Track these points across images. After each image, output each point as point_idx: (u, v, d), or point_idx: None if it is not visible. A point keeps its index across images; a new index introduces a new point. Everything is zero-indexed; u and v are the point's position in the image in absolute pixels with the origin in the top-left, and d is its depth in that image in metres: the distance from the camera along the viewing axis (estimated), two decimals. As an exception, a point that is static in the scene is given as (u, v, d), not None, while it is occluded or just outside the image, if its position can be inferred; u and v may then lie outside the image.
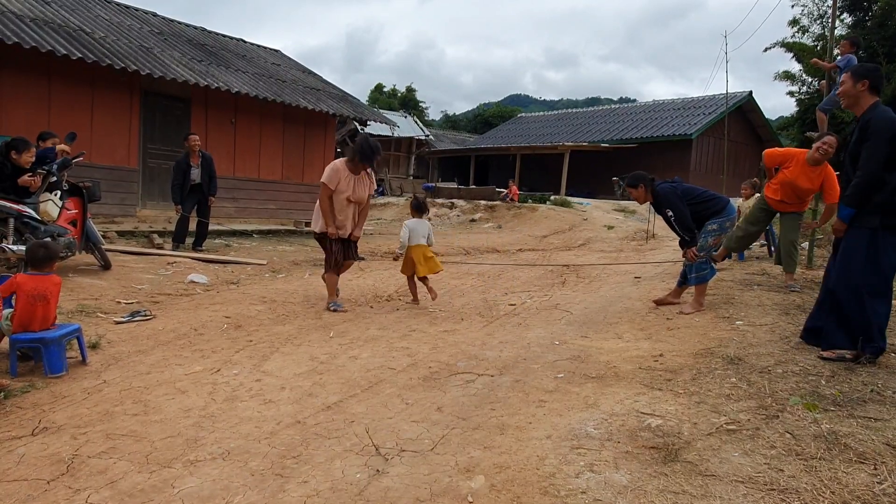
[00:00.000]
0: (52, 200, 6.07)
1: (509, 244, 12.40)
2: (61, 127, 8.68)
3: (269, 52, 17.42)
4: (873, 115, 3.63)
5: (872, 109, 3.67)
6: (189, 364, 3.95)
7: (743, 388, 3.29)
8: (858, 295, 3.63)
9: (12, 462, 2.56)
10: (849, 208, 3.69)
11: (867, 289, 3.62)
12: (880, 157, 3.54)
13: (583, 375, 3.68)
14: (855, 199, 3.65)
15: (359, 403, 3.27)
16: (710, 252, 5.39)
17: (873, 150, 3.56)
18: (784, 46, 23.49)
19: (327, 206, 5.64)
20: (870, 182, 3.57)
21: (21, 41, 9.11)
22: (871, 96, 3.70)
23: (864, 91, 3.69)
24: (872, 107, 3.68)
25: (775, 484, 2.24)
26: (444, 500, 2.24)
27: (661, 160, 23.39)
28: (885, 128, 3.55)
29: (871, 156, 3.56)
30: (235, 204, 12.87)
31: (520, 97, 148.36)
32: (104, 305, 5.41)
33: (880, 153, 3.54)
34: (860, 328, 3.63)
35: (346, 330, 4.98)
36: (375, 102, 43.45)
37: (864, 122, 3.67)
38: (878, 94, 3.73)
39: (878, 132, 3.56)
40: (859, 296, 3.63)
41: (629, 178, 5.52)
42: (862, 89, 3.69)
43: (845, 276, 3.72)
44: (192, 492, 2.32)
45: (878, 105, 3.68)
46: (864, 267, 3.63)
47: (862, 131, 3.67)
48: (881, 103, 3.71)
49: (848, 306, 3.68)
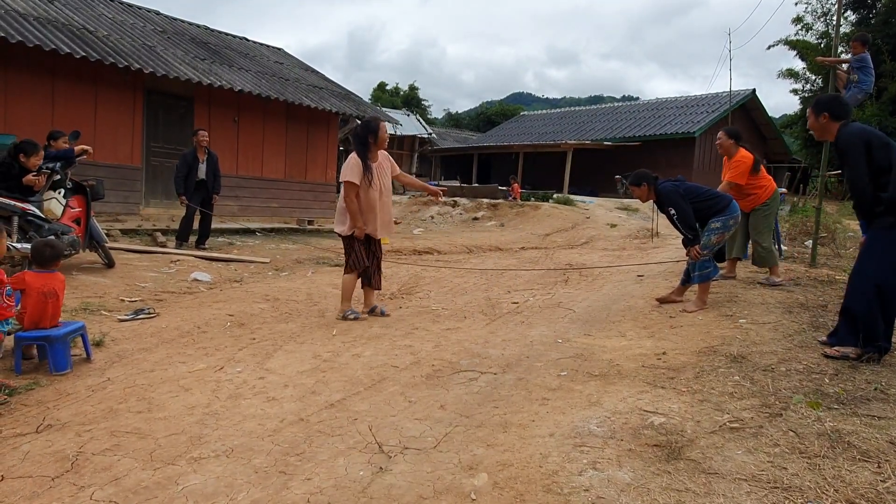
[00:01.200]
0: (56, 198, 6.09)
1: (512, 242, 12.40)
2: (65, 125, 8.69)
3: (272, 51, 17.44)
4: (840, 137, 3.82)
5: (839, 133, 3.85)
6: (193, 362, 3.96)
7: (746, 386, 3.29)
8: (866, 293, 3.64)
9: (17, 459, 2.57)
10: (862, 220, 3.97)
11: (879, 287, 3.62)
12: (862, 171, 3.68)
13: (586, 373, 3.68)
14: (861, 212, 3.86)
15: (362, 401, 3.27)
16: (714, 250, 5.38)
17: (852, 166, 3.72)
18: (787, 44, 23.47)
19: (355, 207, 5.19)
20: (862, 197, 3.72)
21: (25, 40, 9.14)
22: (834, 123, 3.89)
23: (827, 122, 3.91)
24: (839, 130, 3.85)
25: (779, 482, 2.24)
26: (448, 497, 2.24)
27: (665, 158, 23.36)
28: (855, 142, 3.72)
29: (853, 172, 3.72)
30: (238, 202, 12.90)
31: (522, 95, 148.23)
32: (108, 303, 5.43)
33: (861, 167, 3.68)
34: (865, 327, 3.63)
35: (349, 328, 4.99)
36: (378, 101, 43.44)
37: (837, 146, 3.86)
38: (843, 119, 3.89)
39: (850, 148, 3.72)
40: (867, 294, 3.63)
41: (632, 177, 5.52)
42: (824, 121, 3.92)
43: (857, 273, 3.77)
44: (196, 489, 2.33)
45: (845, 125, 3.85)
46: (878, 265, 3.65)
47: (839, 155, 3.87)
48: (848, 123, 3.87)
49: (855, 303, 3.69)
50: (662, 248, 10.73)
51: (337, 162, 14.98)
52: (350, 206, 5.19)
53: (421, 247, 11.10)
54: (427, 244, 11.48)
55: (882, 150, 3.64)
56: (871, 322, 3.62)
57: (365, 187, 5.20)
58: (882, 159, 3.62)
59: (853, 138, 3.72)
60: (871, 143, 3.66)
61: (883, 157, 3.63)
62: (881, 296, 3.61)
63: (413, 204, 19.46)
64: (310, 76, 16.30)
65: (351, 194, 5.17)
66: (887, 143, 3.69)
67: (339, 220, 5.40)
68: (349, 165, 5.19)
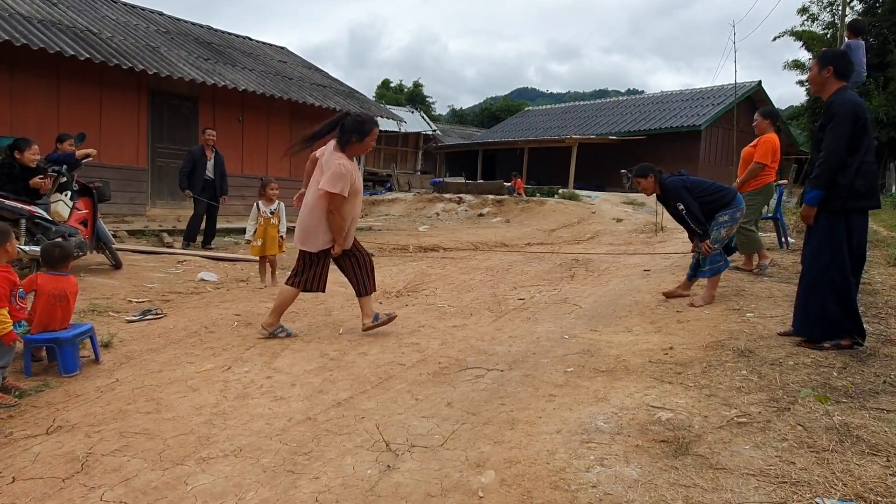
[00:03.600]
0: (62, 201, 6.13)
1: (518, 238, 12.38)
2: (71, 127, 8.76)
3: (276, 50, 17.45)
4: (836, 99, 3.67)
5: (836, 94, 3.71)
6: (200, 362, 3.98)
7: (754, 380, 3.28)
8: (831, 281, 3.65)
9: (28, 460, 2.60)
10: (815, 190, 3.68)
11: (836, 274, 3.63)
12: (842, 140, 3.56)
13: (592, 369, 3.68)
14: (821, 181, 3.65)
15: (369, 399, 3.28)
16: (724, 243, 5.36)
17: (836, 132, 3.59)
18: (793, 35, 23.27)
19: (343, 224, 4.42)
20: (833, 164, 3.59)
21: (29, 42, 9.18)
22: (836, 82, 3.74)
23: (830, 77, 3.75)
24: (837, 91, 3.71)
25: (787, 476, 2.24)
26: (455, 495, 2.24)
27: (670, 152, 23.24)
28: (847, 111, 3.59)
29: (834, 138, 3.59)
30: (244, 202, 12.91)
31: (526, 90, 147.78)
32: (116, 304, 5.45)
33: (843, 135, 3.57)
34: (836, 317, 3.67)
35: (356, 326, 4.99)
36: (382, 98, 43.42)
37: (828, 104, 3.71)
38: (845, 80, 3.75)
39: (841, 115, 3.59)
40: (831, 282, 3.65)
41: (638, 169, 5.50)
42: (827, 76, 3.75)
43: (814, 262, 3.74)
44: (204, 488, 2.34)
45: (845, 90, 3.72)
46: (833, 251, 3.64)
47: (826, 114, 3.70)
48: (848, 89, 3.74)
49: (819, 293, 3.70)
50: (668, 242, 10.69)
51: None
52: (341, 223, 4.41)
53: (426, 244, 11.10)
54: (432, 241, 11.48)
55: (862, 133, 3.60)
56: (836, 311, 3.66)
57: (351, 196, 4.45)
58: (857, 141, 3.59)
59: (848, 105, 3.60)
60: (859, 120, 3.59)
61: (859, 139, 3.59)
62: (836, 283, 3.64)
63: (418, 201, 19.45)
64: (314, 75, 16.31)
65: (340, 209, 4.37)
66: (868, 128, 3.66)
67: (309, 234, 4.46)
68: (343, 174, 4.28)
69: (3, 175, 5.84)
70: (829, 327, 3.70)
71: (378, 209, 19.35)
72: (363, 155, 17.73)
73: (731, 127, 22.81)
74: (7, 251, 3.39)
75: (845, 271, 3.63)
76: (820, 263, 3.69)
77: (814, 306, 3.72)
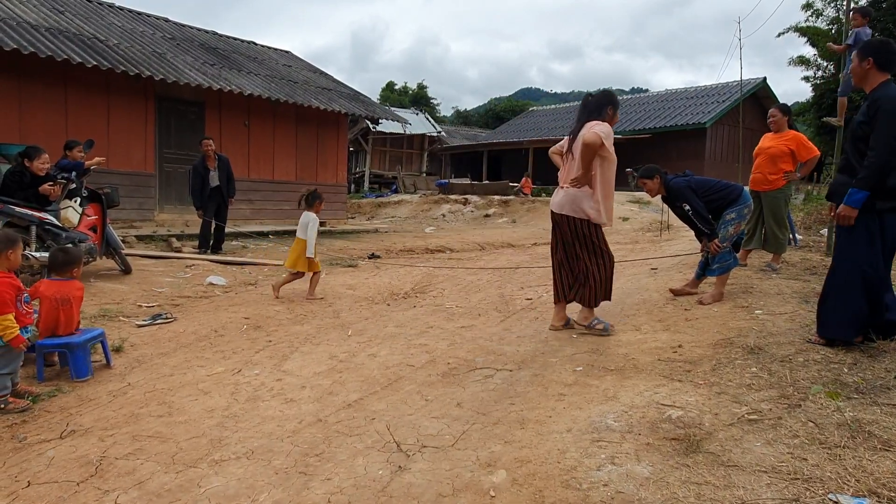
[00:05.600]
0: (72, 207, 6.19)
1: (524, 238, 12.38)
2: (79, 133, 8.82)
3: (280, 54, 17.51)
4: (882, 94, 3.47)
5: (881, 88, 3.51)
6: (211, 365, 4.00)
7: (764, 377, 3.27)
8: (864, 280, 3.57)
9: (42, 465, 2.62)
10: (862, 192, 3.47)
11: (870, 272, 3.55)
12: (893, 140, 3.37)
13: (601, 368, 3.67)
14: (870, 181, 3.44)
15: (379, 401, 3.29)
16: (733, 241, 5.35)
17: (885, 130, 3.39)
18: (798, 31, 23.17)
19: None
20: (885, 164, 3.39)
21: (37, 51, 9.26)
22: (879, 73, 3.54)
23: (871, 69, 3.55)
24: (882, 85, 3.53)
25: (799, 473, 2.23)
26: (466, 494, 2.25)
27: (676, 150, 23.19)
28: (894, 108, 3.38)
29: (883, 137, 3.39)
30: (251, 205, 12.99)
31: (530, 90, 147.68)
32: (126, 309, 5.49)
33: (892, 133, 3.37)
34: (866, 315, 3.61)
35: (365, 328, 5.01)
36: (387, 100, 43.52)
37: (871, 100, 3.51)
38: (887, 71, 3.55)
39: (888, 111, 3.39)
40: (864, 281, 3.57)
41: (643, 170, 5.48)
42: (868, 67, 3.56)
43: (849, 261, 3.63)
44: (217, 491, 2.36)
45: (889, 83, 3.52)
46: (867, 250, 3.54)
47: (870, 110, 3.50)
48: (892, 81, 3.54)
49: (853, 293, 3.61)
50: (675, 240, 10.67)
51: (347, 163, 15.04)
52: None
53: (433, 245, 11.12)
54: (439, 242, 11.50)
55: None
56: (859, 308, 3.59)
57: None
58: None
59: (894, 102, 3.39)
60: None
61: None
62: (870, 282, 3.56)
63: (424, 203, 19.47)
64: (318, 78, 16.36)
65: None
66: None
67: (597, 207, 4.46)
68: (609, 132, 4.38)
69: (13, 182, 5.89)
70: (861, 327, 3.63)
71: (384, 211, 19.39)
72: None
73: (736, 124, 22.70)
74: (8, 258, 3.36)
75: (878, 270, 3.56)
76: (853, 263, 3.59)
77: (850, 307, 3.60)
